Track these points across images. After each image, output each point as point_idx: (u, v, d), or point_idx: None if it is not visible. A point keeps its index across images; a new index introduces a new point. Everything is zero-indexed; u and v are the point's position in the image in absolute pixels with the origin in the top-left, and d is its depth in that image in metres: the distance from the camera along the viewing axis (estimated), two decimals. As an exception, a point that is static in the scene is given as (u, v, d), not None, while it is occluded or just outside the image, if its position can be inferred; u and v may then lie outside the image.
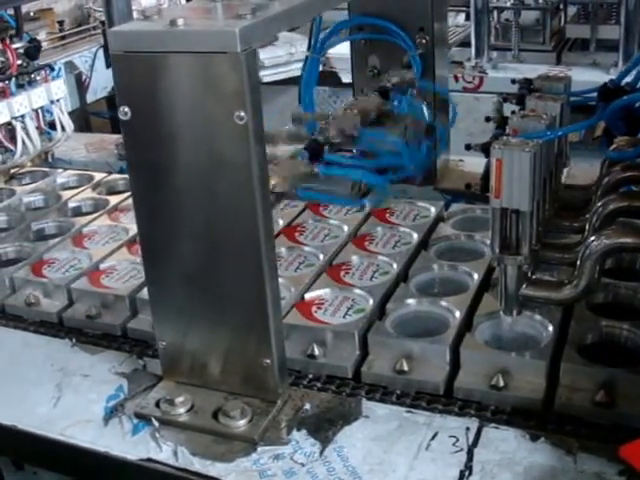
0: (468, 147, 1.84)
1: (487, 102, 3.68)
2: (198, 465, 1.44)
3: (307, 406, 1.54)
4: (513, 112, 1.64)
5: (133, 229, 2.19)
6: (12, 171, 2.69)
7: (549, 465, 1.37)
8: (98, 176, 2.64)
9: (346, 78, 4.08)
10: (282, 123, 2.02)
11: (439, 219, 2.13)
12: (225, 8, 1.43)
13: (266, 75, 4.08)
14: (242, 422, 1.48)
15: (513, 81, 1.89)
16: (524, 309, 1.61)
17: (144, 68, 1.40)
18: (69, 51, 4.64)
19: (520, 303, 1.57)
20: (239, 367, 1.54)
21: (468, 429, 1.46)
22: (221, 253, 1.47)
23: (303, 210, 2.20)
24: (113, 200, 2.44)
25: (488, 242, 1.89)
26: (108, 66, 4.58)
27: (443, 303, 1.73)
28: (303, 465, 1.42)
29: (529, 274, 1.56)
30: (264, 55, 4.09)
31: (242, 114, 1.33)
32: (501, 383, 1.52)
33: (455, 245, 2.02)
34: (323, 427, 1.49)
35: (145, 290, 1.85)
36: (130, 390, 1.64)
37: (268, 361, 1.49)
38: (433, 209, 2.15)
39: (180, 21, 1.35)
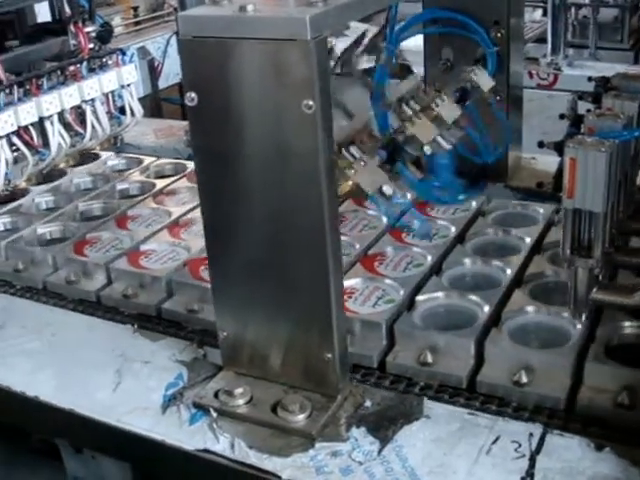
0: (541, 145, 1.79)
1: (561, 100, 3.60)
2: (254, 458, 1.42)
3: (368, 403, 1.51)
4: (588, 110, 1.59)
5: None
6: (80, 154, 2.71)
7: (613, 476, 1.32)
8: (147, 160, 2.66)
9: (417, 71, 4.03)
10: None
11: (479, 213, 2.11)
12: (297, -6, 1.40)
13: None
14: (301, 417, 1.46)
15: (590, 79, 1.84)
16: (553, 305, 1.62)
17: (212, 54, 1.38)
18: (143, 37, 4.67)
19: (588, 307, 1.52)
20: (300, 360, 1.51)
21: (531, 435, 1.41)
22: (284, 243, 1.45)
23: (343, 201, 2.16)
24: (159, 184, 2.45)
25: (526, 238, 1.93)
26: (180, 53, 4.59)
27: (473, 297, 1.71)
28: (361, 464, 1.39)
29: (600, 277, 1.51)
30: (338, 45, 4.05)
31: (310, 103, 1.30)
32: (524, 379, 1.50)
33: (492, 240, 1.99)
34: (383, 425, 1.46)
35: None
36: (189, 379, 1.63)
37: (330, 355, 1.46)
38: (474, 203, 2.13)
39: (250, 7, 1.33)
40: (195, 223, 2.19)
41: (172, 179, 2.51)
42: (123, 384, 1.65)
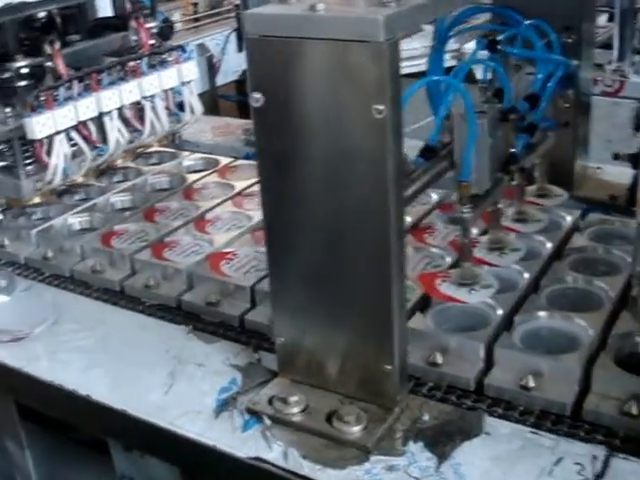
0: (616, 157, 1.73)
1: (627, 108, 3.54)
2: (307, 469, 1.39)
3: (425, 417, 1.47)
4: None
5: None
6: (138, 150, 2.70)
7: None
8: (224, 161, 2.64)
9: (481, 75, 3.97)
10: (414, 117, 1.94)
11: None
12: (368, -6, 1.35)
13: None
14: (357, 428, 1.42)
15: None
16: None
17: (279, 53, 1.34)
18: (202, 33, 4.66)
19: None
20: (357, 370, 1.47)
21: (595, 457, 1.36)
22: (346, 250, 1.41)
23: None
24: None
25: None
26: (240, 50, 4.58)
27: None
28: (417, 479, 1.35)
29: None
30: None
31: (381, 107, 1.26)
32: (531, 384, 1.47)
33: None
34: (441, 441, 1.41)
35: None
36: (243, 384, 1.60)
37: (389, 367, 1.42)
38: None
39: (320, 6, 1.29)
40: (221, 218, 2.24)
41: (203, 174, 2.56)
42: (176, 386, 1.62)
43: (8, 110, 2.26)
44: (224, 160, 2.64)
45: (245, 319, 1.81)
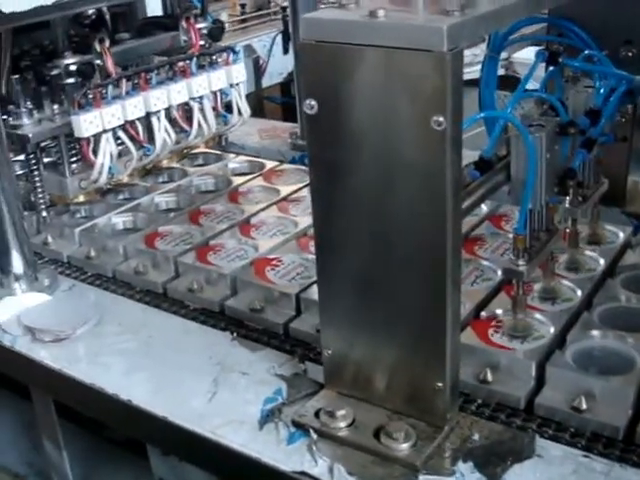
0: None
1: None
2: (353, 486, 1.35)
3: (475, 436, 1.43)
4: None
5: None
6: (184, 151, 2.68)
7: None
8: (270, 164, 2.62)
9: (529, 84, 3.92)
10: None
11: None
12: (430, 2, 1.31)
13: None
14: (405, 445, 1.38)
15: None
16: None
17: (336, 60, 1.30)
18: (248, 35, 4.65)
19: None
20: (406, 386, 1.44)
21: (649, 484, 1.32)
22: (398, 262, 1.37)
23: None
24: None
25: None
26: (285, 52, 4.56)
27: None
28: (467, 500, 1.31)
29: None
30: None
31: (441, 119, 1.21)
32: (583, 406, 1.43)
33: None
34: (491, 462, 1.37)
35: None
36: (289, 395, 1.57)
37: (440, 384, 1.38)
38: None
39: (381, 12, 1.25)
40: (266, 223, 2.22)
41: (248, 177, 2.55)
42: (219, 394, 1.59)
43: (56, 107, 2.24)
44: (270, 164, 2.63)
45: (289, 327, 1.79)
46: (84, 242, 2.23)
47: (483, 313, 1.70)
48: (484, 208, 2.15)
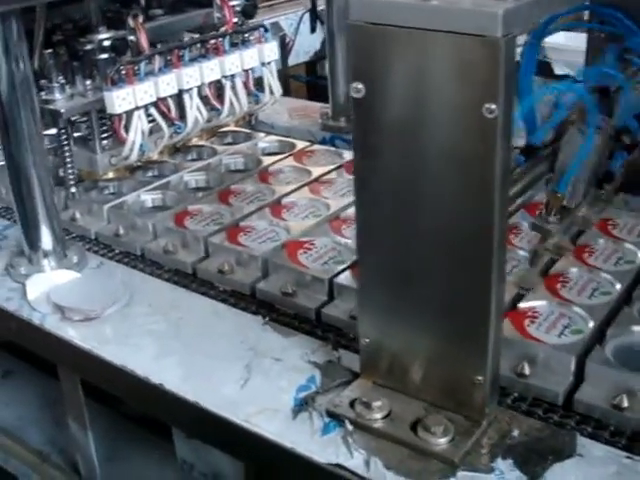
0: None
1: None
2: (391, 480, 1.32)
3: (515, 432, 1.39)
4: None
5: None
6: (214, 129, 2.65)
7: None
8: (300, 144, 2.59)
9: (559, 70, 3.87)
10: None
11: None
12: (483, -14, 1.27)
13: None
14: (443, 440, 1.35)
15: None
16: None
17: (385, 43, 1.26)
18: (276, 12, 4.59)
19: None
20: (444, 378, 1.40)
21: (696, 487, 1.29)
22: (441, 250, 1.33)
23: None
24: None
25: None
26: (313, 31, 4.50)
27: None
28: (505, 499, 1.28)
29: None
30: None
31: (493, 107, 1.17)
32: (625, 404, 1.39)
33: None
34: (531, 459, 1.34)
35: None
36: (323, 383, 1.54)
37: (480, 378, 1.34)
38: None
39: (434, -5, 1.22)
40: (298, 204, 2.19)
41: (278, 157, 2.52)
42: (252, 381, 1.56)
43: (88, 82, 2.21)
44: (300, 144, 2.60)
45: (322, 312, 1.76)
46: (113, 219, 2.21)
47: (520, 304, 1.66)
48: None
